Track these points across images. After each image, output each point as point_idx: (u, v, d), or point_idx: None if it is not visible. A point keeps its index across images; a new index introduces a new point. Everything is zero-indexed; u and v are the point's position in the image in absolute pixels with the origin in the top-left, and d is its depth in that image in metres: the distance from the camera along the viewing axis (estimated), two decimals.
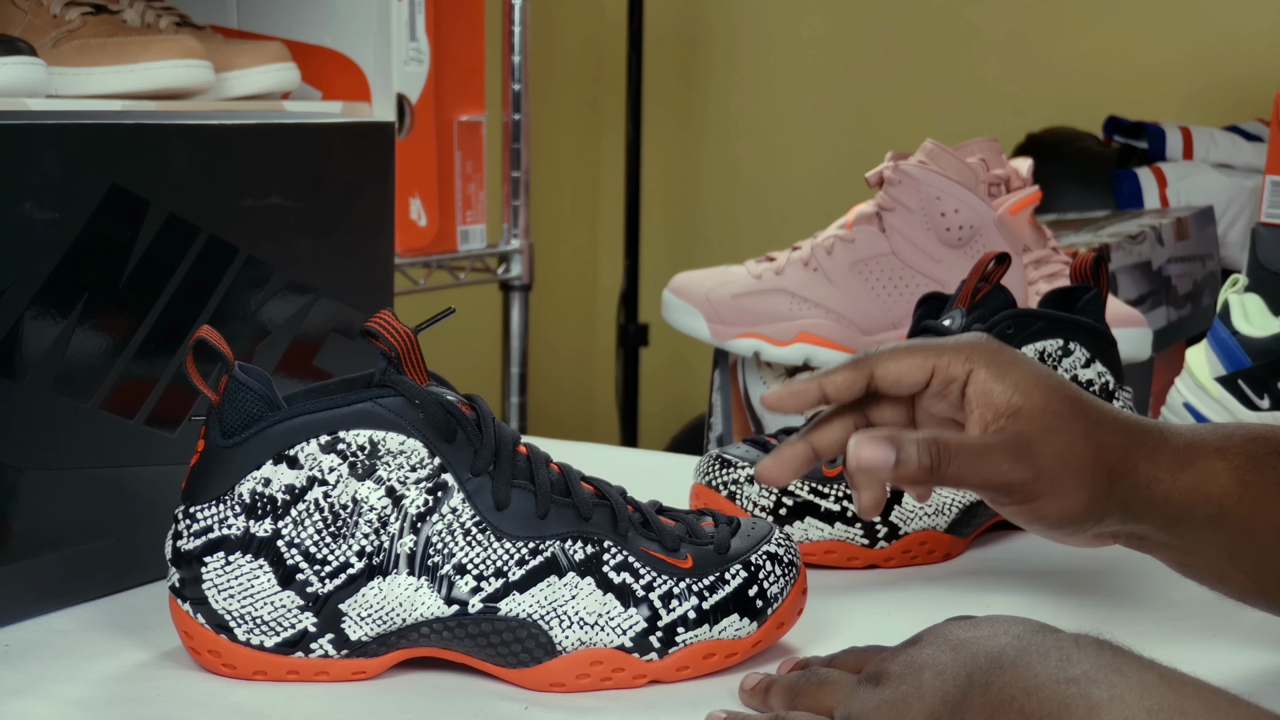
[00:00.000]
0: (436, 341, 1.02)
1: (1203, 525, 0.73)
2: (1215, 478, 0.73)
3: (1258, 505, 0.73)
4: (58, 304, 0.84)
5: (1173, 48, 2.60)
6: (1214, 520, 0.73)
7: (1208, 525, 0.73)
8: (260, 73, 1.50)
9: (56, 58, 1.39)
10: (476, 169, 1.88)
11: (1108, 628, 0.64)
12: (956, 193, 1.35)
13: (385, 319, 0.76)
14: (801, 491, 0.97)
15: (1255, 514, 0.73)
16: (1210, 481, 0.73)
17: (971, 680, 0.61)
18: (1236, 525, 0.73)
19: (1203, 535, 0.74)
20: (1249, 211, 2.20)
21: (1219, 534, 0.73)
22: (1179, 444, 0.74)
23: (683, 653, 0.78)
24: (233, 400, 0.75)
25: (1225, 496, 0.73)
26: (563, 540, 0.77)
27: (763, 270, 1.43)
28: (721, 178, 3.02)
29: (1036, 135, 2.39)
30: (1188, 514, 0.73)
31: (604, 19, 3.00)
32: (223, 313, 0.93)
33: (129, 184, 0.87)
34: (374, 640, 0.77)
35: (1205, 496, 0.73)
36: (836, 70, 2.88)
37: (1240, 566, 0.75)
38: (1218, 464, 0.73)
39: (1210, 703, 0.55)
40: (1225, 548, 0.74)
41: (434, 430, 0.76)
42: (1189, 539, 0.74)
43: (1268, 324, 1.19)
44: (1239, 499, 0.73)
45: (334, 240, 1.00)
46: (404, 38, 1.72)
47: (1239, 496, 0.73)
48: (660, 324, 2.22)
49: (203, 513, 0.76)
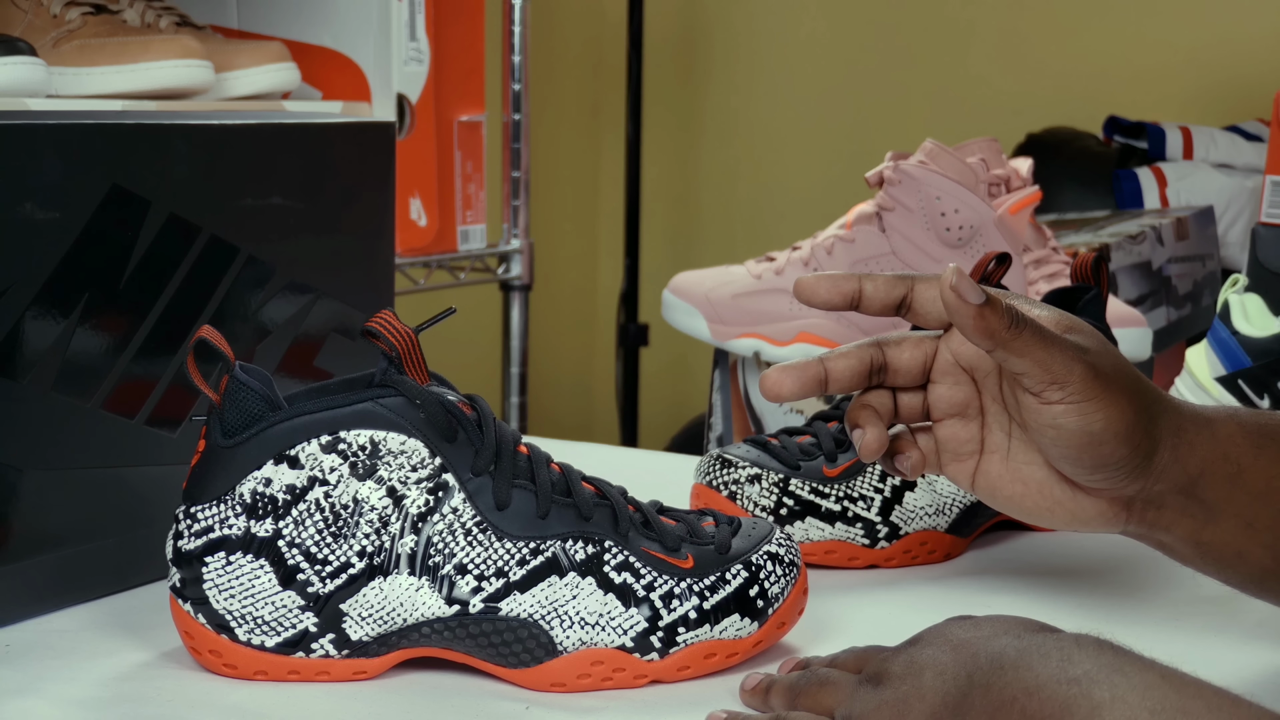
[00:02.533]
0: (437, 341, 1.02)
1: (1222, 483, 0.73)
2: (1232, 437, 0.73)
3: (1273, 468, 0.73)
4: (58, 304, 0.84)
5: (1173, 48, 2.60)
6: (1232, 479, 0.73)
7: (1226, 484, 0.73)
8: (260, 73, 1.50)
9: (56, 58, 1.39)
10: (476, 169, 1.88)
11: (1108, 627, 0.64)
12: (956, 193, 1.35)
13: (386, 319, 0.76)
14: (802, 492, 0.97)
15: (1272, 475, 0.73)
16: (1228, 440, 0.73)
17: (973, 681, 0.61)
18: (1253, 485, 0.73)
19: (1221, 496, 0.73)
20: (1249, 211, 2.20)
21: (1237, 494, 0.73)
22: (1195, 409, 0.74)
23: (684, 653, 0.78)
24: (233, 400, 0.75)
25: (1243, 455, 0.73)
26: (564, 540, 0.77)
27: (763, 270, 1.43)
28: (721, 178, 3.02)
29: (1036, 135, 2.39)
30: (1209, 469, 0.73)
31: (604, 19, 3.00)
32: (223, 312, 0.93)
33: (129, 184, 0.87)
34: (375, 640, 0.77)
35: (1224, 454, 0.73)
36: (836, 70, 2.88)
37: (1258, 538, 0.74)
38: (1232, 425, 0.74)
39: (1212, 703, 0.55)
40: (1243, 514, 0.73)
41: (435, 430, 0.76)
42: (1208, 500, 0.73)
43: (1268, 324, 1.19)
44: (1255, 459, 0.73)
45: (334, 240, 1.00)
46: (404, 38, 1.72)
47: (1254, 459, 0.73)
48: (660, 324, 2.22)
49: (203, 513, 0.76)
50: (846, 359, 0.74)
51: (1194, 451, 0.73)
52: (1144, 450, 0.71)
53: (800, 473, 0.97)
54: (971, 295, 0.69)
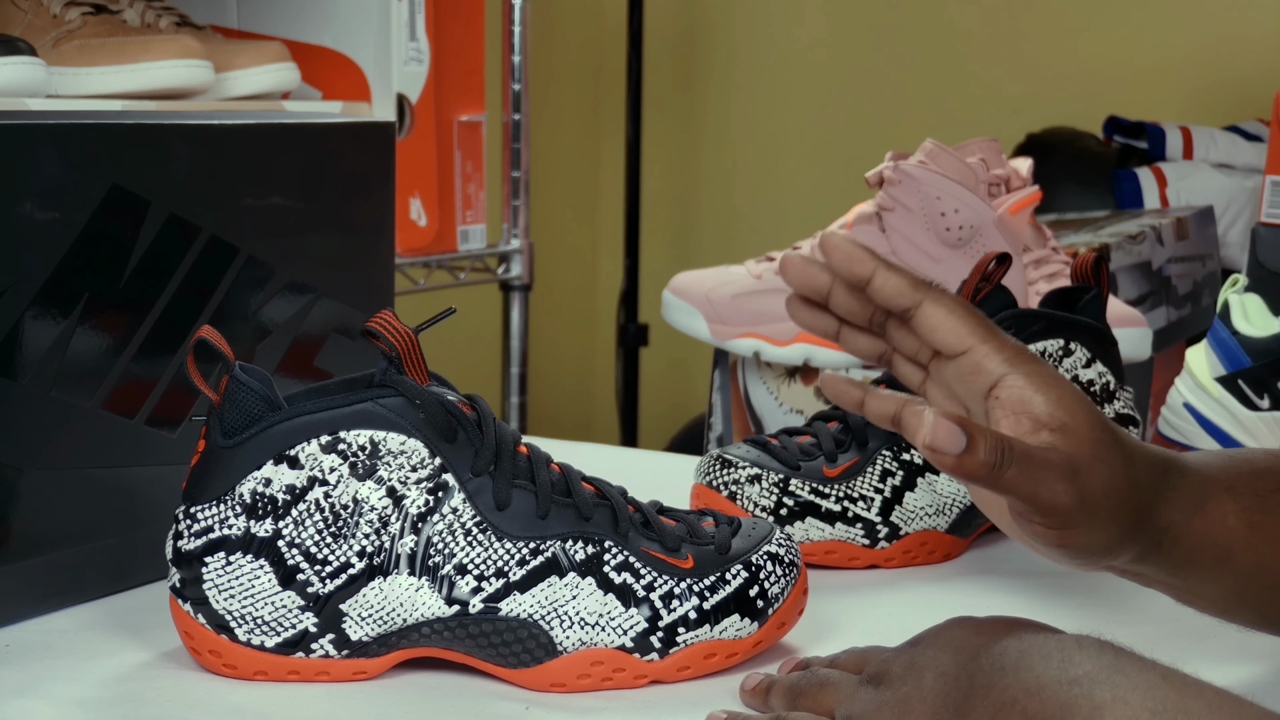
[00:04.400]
0: (437, 341, 1.02)
1: (1208, 568, 0.71)
2: (1224, 520, 0.71)
3: (1266, 546, 0.71)
4: (58, 304, 0.84)
5: (1173, 48, 2.60)
6: (1219, 563, 0.71)
7: (1213, 568, 0.71)
8: (260, 73, 1.50)
9: (56, 58, 1.39)
10: (476, 169, 1.88)
11: (1108, 628, 0.64)
12: (956, 193, 1.35)
13: (386, 319, 0.76)
14: (802, 492, 0.97)
15: (1263, 555, 0.71)
16: (1219, 525, 0.71)
17: (974, 683, 0.61)
18: (1242, 567, 0.71)
19: (1207, 577, 0.72)
20: (1249, 211, 2.20)
21: (1224, 576, 0.72)
22: (1194, 482, 0.71)
23: (683, 653, 0.78)
24: (233, 400, 0.75)
25: (1234, 540, 0.71)
26: (563, 540, 0.77)
27: (763, 270, 1.43)
28: (721, 178, 3.01)
29: (1036, 135, 2.39)
30: (1194, 558, 0.71)
31: (604, 19, 2.99)
32: (223, 313, 0.93)
33: (129, 184, 0.87)
34: (375, 640, 0.77)
35: (1213, 540, 0.70)
36: (836, 71, 2.88)
37: (1246, 604, 0.74)
38: (1227, 504, 0.71)
39: (1213, 703, 0.55)
40: (1231, 589, 0.72)
41: (435, 430, 0.76)
42: (1192, 581, 0.72)
43: (1268, 324, 1.19)
44: (1246, 541, 0.71)
45: (334, 240, 1.00)
46: (404, 38, 1.72)
47: (1247, 539, 0.71)
48: (660, 324, 2.22)
49: (203, 513, 0.76)
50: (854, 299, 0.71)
51: (1179, 546, 0.70)
52: (1124, 555, 0.70)
53: (800, 473, 0.97)
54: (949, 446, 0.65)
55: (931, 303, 0.70)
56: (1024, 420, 0.68)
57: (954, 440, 0.65)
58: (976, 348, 0.69)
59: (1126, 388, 1.00)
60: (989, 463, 0.65)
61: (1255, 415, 1.18)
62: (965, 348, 0.69)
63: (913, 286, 0.69)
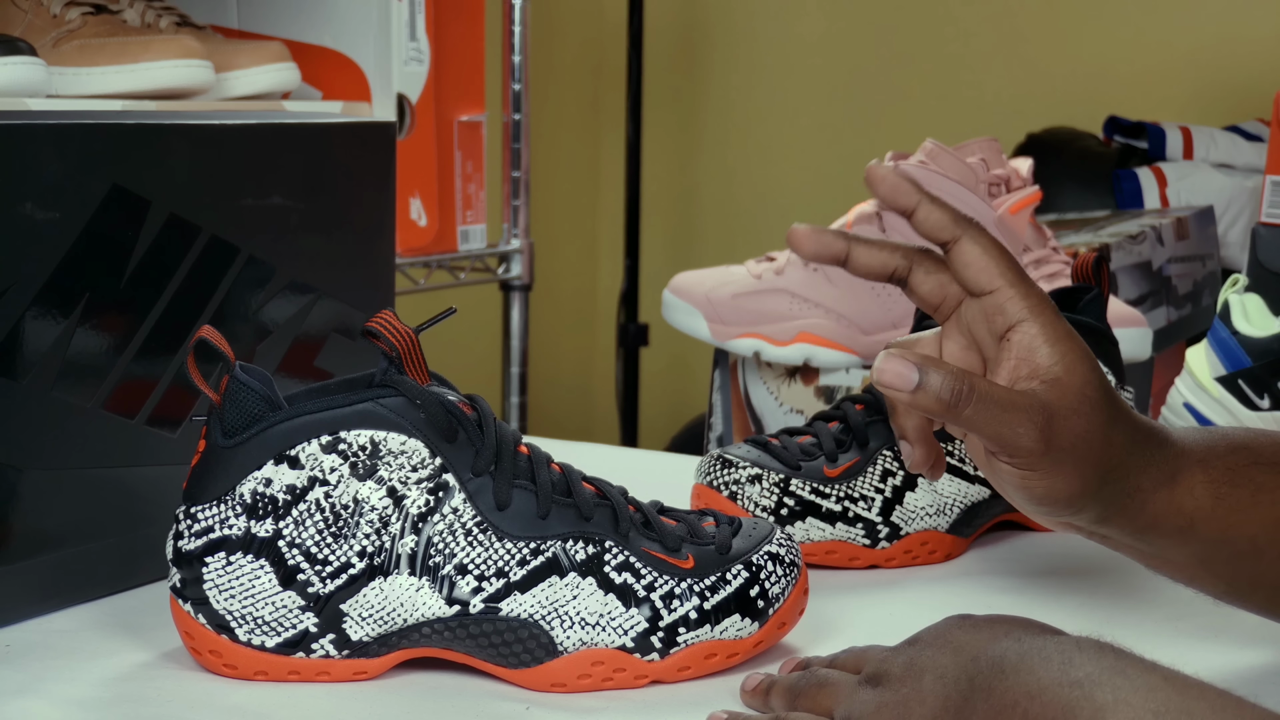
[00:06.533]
0: (437, 341, 1.02)
1: (1170, 535, 0.73)
2: (1191, 491, 0.72)
3: (1231, 517, 0.73)
4: (59, 304, 0.84)
5: (1173, 48, 2.60)
6: (1182, 532, 0.73)
7: (1176, 536, 0.73)
8: (260, 73, 1.49)
9: (56, 58, 1.39)
10: (476, 169, 1.88)
11: (1109, 628, 0.64)
12: (956, 193, 1.34)
13: (386, 319, 0.76)
14: (803, 492, 0.97)
15: (1228, 525, 0.73)
16: (1186, 496, 0.72)
17: (974, 685, 0.61)
18: (1205, 534, 0.73)
19: (1169, 545, 0.73)
20: (1249, 211, 2.20)
21: (1188, 544, 0.73)
22: (1170, 454, 0.73)
23: (684, 653, 0.78)
24: (234, 400, 0.75)
25: (1198, 510, 0.72)
26: (564, 540, 0.77)
27: (763, 270, 1.43)
28: (721, 178, 3.02)
29: (1036, 135, 2.39)
30: (1157, 523, 0.73)
31: (604, 19, 2.99)
32: (224, 313, 0.93)
33: (129, 184, 0.87)
34: (375, 640, 0.76)
35: (1177, 509, 0.72)
36: (836, 70, 2.88)
37: (1212, 571, 0.75)
38: (1197, 476, 0.73)
39: (1215, 704, 0.55)
40: (1196, 555, 0.74)
41: (435, 430, 0.76)
42: (1155, 546, 0.74)
43: (1268, 324, 1.19)
44: (1211, 512, 0.72)
45: (335, 240, 1.00)
46: (404, 38, 1.72)
47: (1211, 509, 0.72)
48: (660, 324, 2.22)
49: (204, 513, 0.76)
50: (872, 254, 0.73)
51: (1143, 512, 0.72)
52: (1087, 512, 0.72)
53: (801, 473, 0.97)
54: (900, 384, 0.68)
55: (970, 239, 0.72)
56: (1024, 367, 0.71)
57: (903, 379, 0.68)
58: (1003, 290, 0.71)
59: (1127, 388, 1.00)
60: (944, 400, 0.68)
61: (1255, 415, 1.18)
62: (993, 288, 0.71)
63: (954, 221, 0.72)
